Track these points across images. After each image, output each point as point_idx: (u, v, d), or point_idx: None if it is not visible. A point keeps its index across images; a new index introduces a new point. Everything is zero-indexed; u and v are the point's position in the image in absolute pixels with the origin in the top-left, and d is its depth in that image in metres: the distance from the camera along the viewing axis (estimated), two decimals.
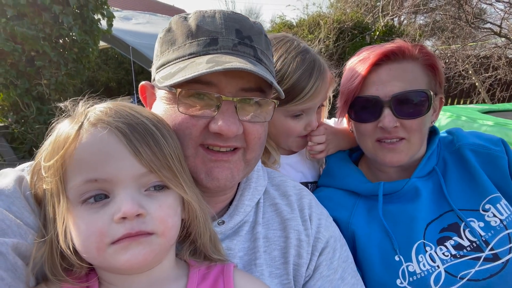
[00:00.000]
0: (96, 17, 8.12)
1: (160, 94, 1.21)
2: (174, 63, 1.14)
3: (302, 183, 1.90)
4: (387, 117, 1.53)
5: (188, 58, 1.11)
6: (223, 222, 1.27)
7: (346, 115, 1.75)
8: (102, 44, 12.09)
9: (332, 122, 2.07)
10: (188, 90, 1.09)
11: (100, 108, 0.97)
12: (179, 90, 1.09)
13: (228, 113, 1.10)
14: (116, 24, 9.48)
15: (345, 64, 1.73)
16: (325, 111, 2.00)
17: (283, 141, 1.86)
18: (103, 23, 8.47)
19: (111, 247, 0.87)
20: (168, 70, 1.13)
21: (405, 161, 1.60)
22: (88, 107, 0.99)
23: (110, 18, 8.53)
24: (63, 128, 0.95)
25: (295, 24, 14.26)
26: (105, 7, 8.29)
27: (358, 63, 1.63)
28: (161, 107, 1.19)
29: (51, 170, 0.91)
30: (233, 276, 1.06)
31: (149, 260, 0.91)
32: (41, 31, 7.04)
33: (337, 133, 1.91)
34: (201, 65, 1.04)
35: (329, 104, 2.01)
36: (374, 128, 1.59)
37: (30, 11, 6.88)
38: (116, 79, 18.44)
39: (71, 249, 0.91)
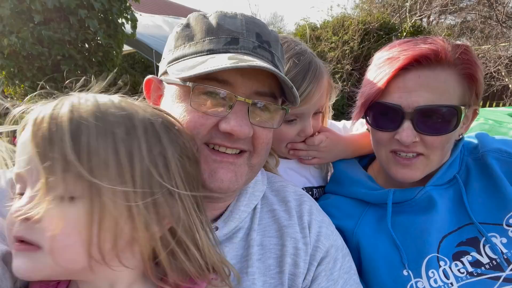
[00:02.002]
0: (120, 21, 8.27)
1: (170, 90, 1.19)
2: (191, 58, 1.12)
3: (307, 188, 1.82)
4: (406, 131, 1.37)
5: (207, 54, 1.10)
6: (216, 228, 1.21)
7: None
8: (127, 48, 12.30)
9: (341, 125, 1.98)
10: (204, 85, 1.07)
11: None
12: (194, 85, 1.07)
13: (241, 114, 1.09)
14: (140, 28, 9.61)
15: (373, 55, 1.57)
16: (325, 119, 1.89)
17: (276, 147, 1.77)
18: (128, 27, 8.62)
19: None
20: (184, 64, 1.11)
21: (419, 178, 1.48)
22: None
23: (134, 21, 8.66)
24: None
25: (319, 26, 14.10)
26: (129, 11, 8.43)
27: (386, 61, 1.44)
28: (169, 104, 1.17)
29: None
30: None
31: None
32: (67, 35, 7.22)
33: (339, 141, 1.80)
34: (223, 61, 1.02)
35: (330, 111, 1.90)
36: (391, 139, 1.45)
37: (56, 16, 7.07)
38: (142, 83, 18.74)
39: None
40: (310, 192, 1.84)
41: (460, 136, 1.56)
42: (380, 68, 1.46)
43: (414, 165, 1.44)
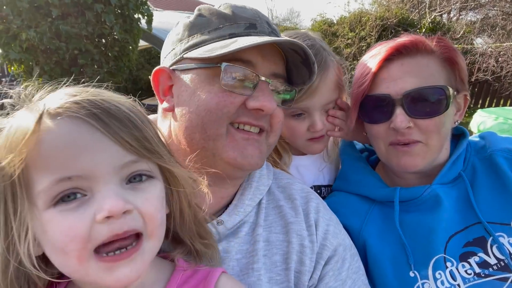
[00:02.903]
0: (136, 16, 8.35)
1: (187, 77, 1.19)
2: (214, 41, 1.17)
3: (315, 186, 1.80)
4: (399, 117, 1.38)
5: (229, 38, 1.16)
6: (222, 222, 1.20)
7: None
8: (144, 43, 12.41)
9: None
10: (234, 65, 1.12)
11: (61, 95, 0.84)
12: (226, 64, 1.11)
13: (267, 91, 1.16)
14: (156, 24, 9.68)
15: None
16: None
17: (292, 142, 1.76)
18: (143, 22, 8.69)
19: (95, 261, 0.76)
20: (209, 47, 1.15)
21: (422, 166, 1.45)
22: (44, 94, 0.87)
23: (149, 16, 8.72)
24: (16, 122, 0.80)
25: (335, 22, 13.96)
26: (145, 6, 8.50)
27: (369, 59, 1.50)
28: (190, 89, 1.17)
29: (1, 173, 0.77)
30: (217, 283, 0.96)
31: (141, 274, 0.83)
32: (84, 30, 7.33)
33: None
34: (254, 38, 1.12)
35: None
36: (387, 130, 1.45)
37: (74, 11, 7.18)
38: None
39: (34, 263, 0.79)
40: (318, 191, 1.82)
41: (456, 124, 1.54)
42: (364, 66, 1.51)
43: (413, 151, 1.43)
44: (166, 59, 1.28)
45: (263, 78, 1.15)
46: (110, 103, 0.83)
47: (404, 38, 1.45)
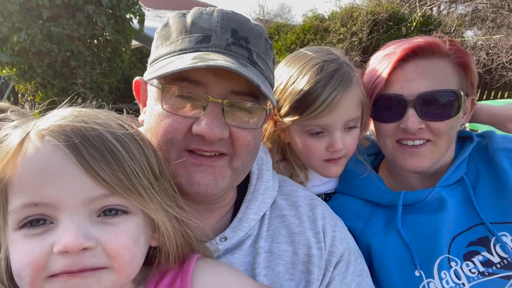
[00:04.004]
0: (128, 16, 8.28)
1: (151, 91, 1.17)
2: (164, 58, 1.10)
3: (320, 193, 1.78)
4: (411, 118, 1.40)
5: (178, 54, 1.07)
6: (225, 239, 1.19)
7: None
8: (135, 43, 12.32)
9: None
10: (172, 87, 1.04)
11: (53, 115, 0.83)
12: (164, 86, 1.05)
13: (213, 115, 1.04)
14: (148, 23, 9.61)
15: (382, 46, 1.60)
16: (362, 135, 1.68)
17: (307, 162, 1.63)
18: (135, 22, 8.62)
19: (48, 281, 0.74)
20: (158, 65, 1.09)
21: (428, 167, 1.48)
22: (41, 113, 0.87)
23: (141, 16, 8.66)
24: (8, 134, 0.81)
25: (327, 17, 13.96)
26: (137, 6, 8.43)
27: (383, 58, 1.51)
28: (149, 105, 1.15)
29: None
30: (193, 270, 0.94)
31: None
32: (75, 31, 7.26)
33: None
34: (185, 61, 0.99)
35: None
36: (395, 129, 1.47)
37: (64, 12, 7.11)
38: None
39: (6, 285, 0.80)
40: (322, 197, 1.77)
41: (463, 126, 1.57)
42: (378, 64, 1.51)
43: (422, 153, 1.45)
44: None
45: (213, 99, 1.03)
46: (96, 131, 0.80)
47: (419, 40, 1.46)
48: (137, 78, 1.27)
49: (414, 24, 12.75)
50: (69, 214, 0.76)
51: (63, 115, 0.82)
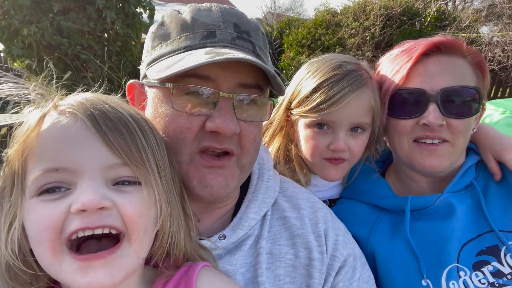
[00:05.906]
0: (138, 10, 8.29)
1: (152, 93, 1.14)
2: (168, 57, 1.08)
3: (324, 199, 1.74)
4: (433, 113, 1.35)
5: (184, 51, 1.06)
6: (224, 237, 1.17)
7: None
8: (145, 36, 12.38)
9: None
10: (184, 85, 1.03)
11: (72, 97, 0.88)
12: (174, 85, 1.03)
13: (226, 110, 1.04)
14: (158, 17, 9.61)
15: (395, 42, 1.58)
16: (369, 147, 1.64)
17: (308, 158, 1.58)
18: (145, 17, 8.64)
19: (69, 257, 0.75)
20: (162, 65, 1.07)
21: (446, 167, 1.42)
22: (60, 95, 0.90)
23: (151, 10, 8.66)
24: (29, 112, 0.86)
25: (339, 12, 13.79)
26: (147, 0, 8.43)
27: (401, 53, 1.47)
28: (153, 107, 1.12)
29: (9, 161, 0.82)
30: (197, 278, 0.93)
31: (118, 282, 0.78)
32: (85, 25, 7.30)
33: None
34: (199, 57, 0.98)
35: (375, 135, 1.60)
36: (414, 126, 1.42)
37: (75, 6, 7.14)
38: None
39: (17, 256, 0.79)
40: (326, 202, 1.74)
41: (474, 130, 1.51)
42: (396, 59, 1.47)
43: (440, 151, 1.40)
44: (141, 70, 1.23)
45: (224, 94, 1.03)
46: (112, 107, 0.86)
47: (440, 37, 1.44)
48: (131, 81, 1.23)
49: (429, 19, 12.50)
50: (88, 179, 0.78)
51: (81, 96, 0.88)
